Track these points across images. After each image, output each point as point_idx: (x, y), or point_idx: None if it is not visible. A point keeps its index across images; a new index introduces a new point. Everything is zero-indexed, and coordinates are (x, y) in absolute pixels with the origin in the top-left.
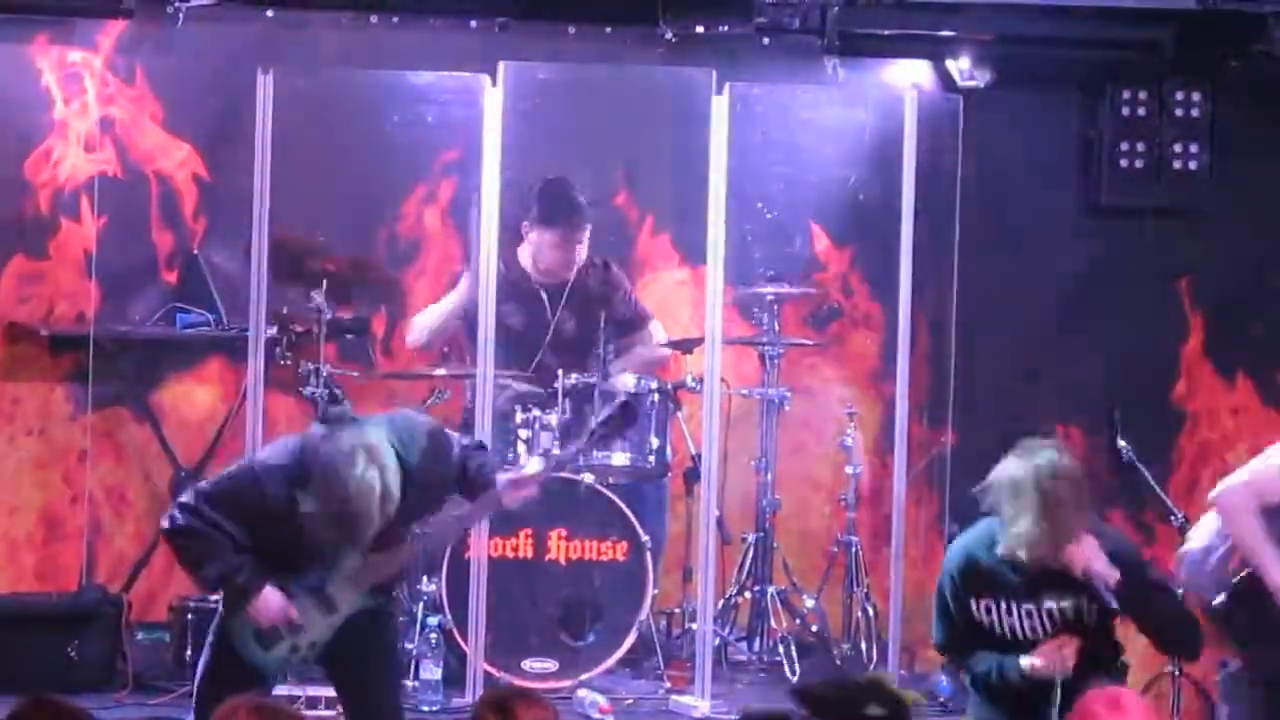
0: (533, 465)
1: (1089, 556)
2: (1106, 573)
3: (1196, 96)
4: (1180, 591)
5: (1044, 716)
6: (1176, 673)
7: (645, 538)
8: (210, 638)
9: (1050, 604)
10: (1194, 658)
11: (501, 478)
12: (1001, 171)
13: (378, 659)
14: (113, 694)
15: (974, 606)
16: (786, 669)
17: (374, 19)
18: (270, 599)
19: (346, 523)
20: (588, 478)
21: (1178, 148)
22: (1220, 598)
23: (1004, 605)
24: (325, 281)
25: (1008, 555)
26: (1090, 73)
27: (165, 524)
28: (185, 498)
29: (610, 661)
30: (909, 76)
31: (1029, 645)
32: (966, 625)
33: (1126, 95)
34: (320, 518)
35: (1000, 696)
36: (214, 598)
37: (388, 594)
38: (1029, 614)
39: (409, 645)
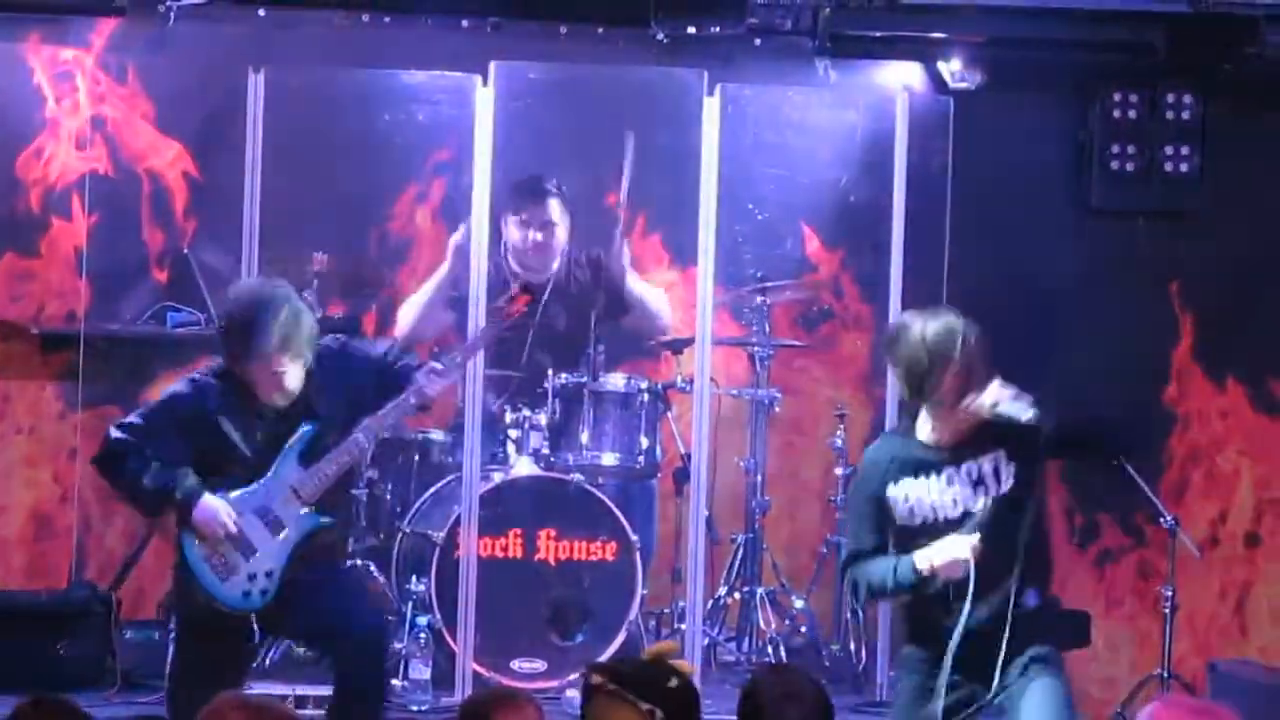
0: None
1: (998, 395)
2: (1017, 408)
3: (1188, 99)
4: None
5: (944, 635)
6: (1165, 675)
7: (634, 538)
8: (173, 629)
9: (969, 464)
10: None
11: (423, 374)
12: (992, 174)
13: (333, 584)
14: (102, 692)
15: (894, 497)
16: None
17: (365, 18)
18: (210, 505)
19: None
20: (577, 478)
21: (1169, 150)
22: None
23: (926, 482)
24: (316, 280)
25: (921, 435)
26: (1082, 75)
27: (99, 449)
28: (117, 423)
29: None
30: (900, 78)
31: (954, 529)
32: (884, 524)
33: (1118, 98)
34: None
35: (908, 619)
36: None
37: (340, 510)
38: (949, 480)
39: (398, 645)
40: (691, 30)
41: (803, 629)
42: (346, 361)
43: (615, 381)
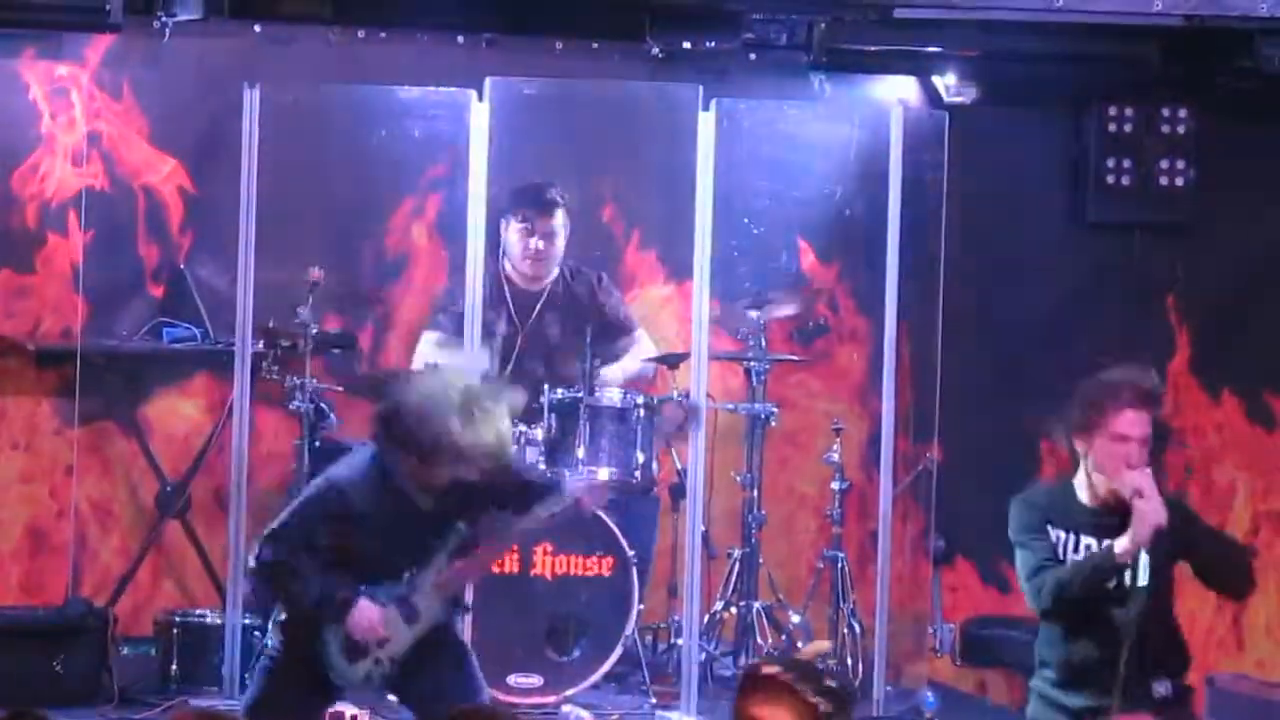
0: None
1: (1141, 481)
2: (1156, 501)
3: (1183, 113)
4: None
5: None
6: None
7: (631, 553)
8: (266, 660)
9: (1109, 541)
10: (1241, 596)
11: (575, 481)
12: (988, 188)
13: (451, 666)
14: (98, 708)
15: (1051, 533)
16: None
17: (361, 34)
18: (367, 611)
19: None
20: None
21: (1164, 164)
22: None
23: (1071, 538)
24: (311, 296)
25: (1079, 491)
26: (1077, 89)
27: (252, 563)
28: (267, 533)
29: (596, 677)
30: (895, 92)
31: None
32: (1050, 550)
33: (1113, 112)
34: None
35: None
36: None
37: (457, 606)
38: (1089, 550)
39: None
40: (687, 45)
41: (799, 643)
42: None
43: (611, 396)
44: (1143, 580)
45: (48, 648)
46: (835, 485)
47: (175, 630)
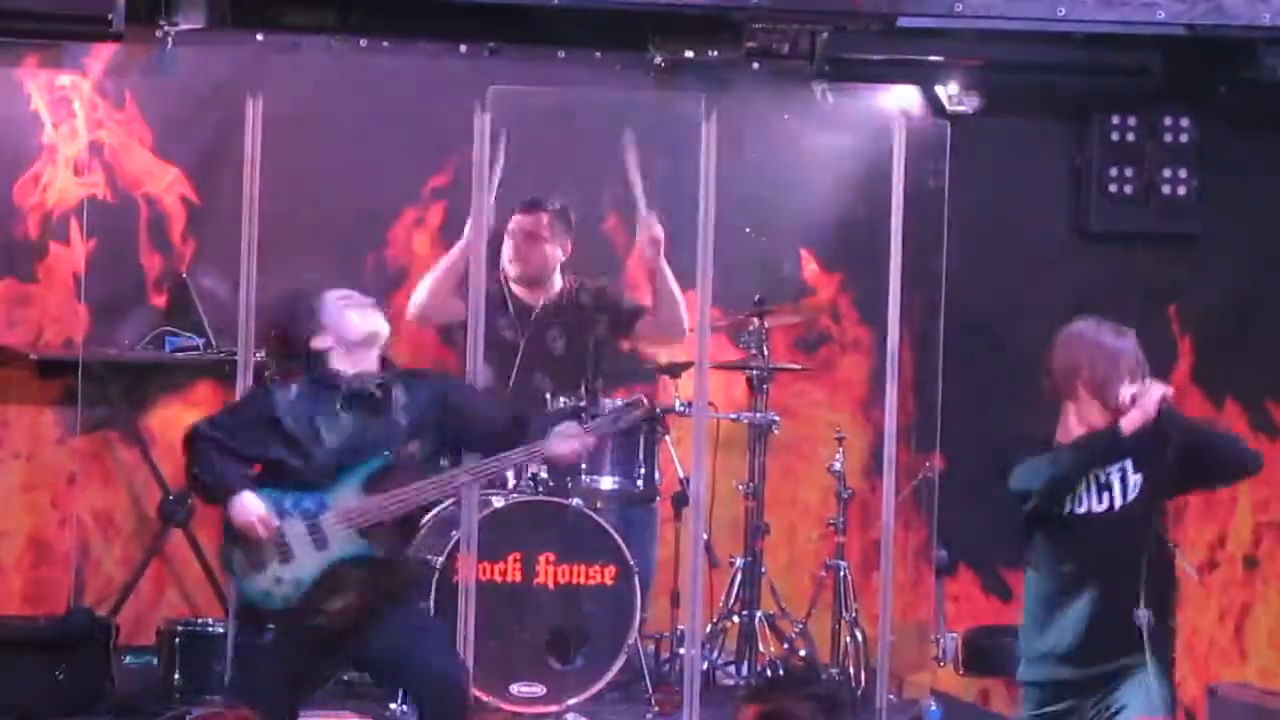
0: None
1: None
2: (1162, 387)
3: (1185, 122)
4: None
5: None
6: None
7: (633, 562)
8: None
9: (1096, 469)
10: (1247, 473)
11: (562, 430)
12: (990, 197)
13: (416, 623)
14: (100, 718)
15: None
16: None
17: (363, 43)
18: (246, 501)
19: None
20: (576, 502)
21: (1167, 173)
22: None
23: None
24: None
25: (1060, 438)
26: (1079, 98)
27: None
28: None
29: (598, 686)
30: (898, 102)
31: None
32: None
33: (1115, 121)
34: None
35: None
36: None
37: (392, 548)
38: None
39: None
40: (689, 55)
41: (801, 653)
42: (443, 395)
43: (614, 406)
44: (1132, 495)
45: (50, 658)
46: (837, 494)
47: (178, 640)
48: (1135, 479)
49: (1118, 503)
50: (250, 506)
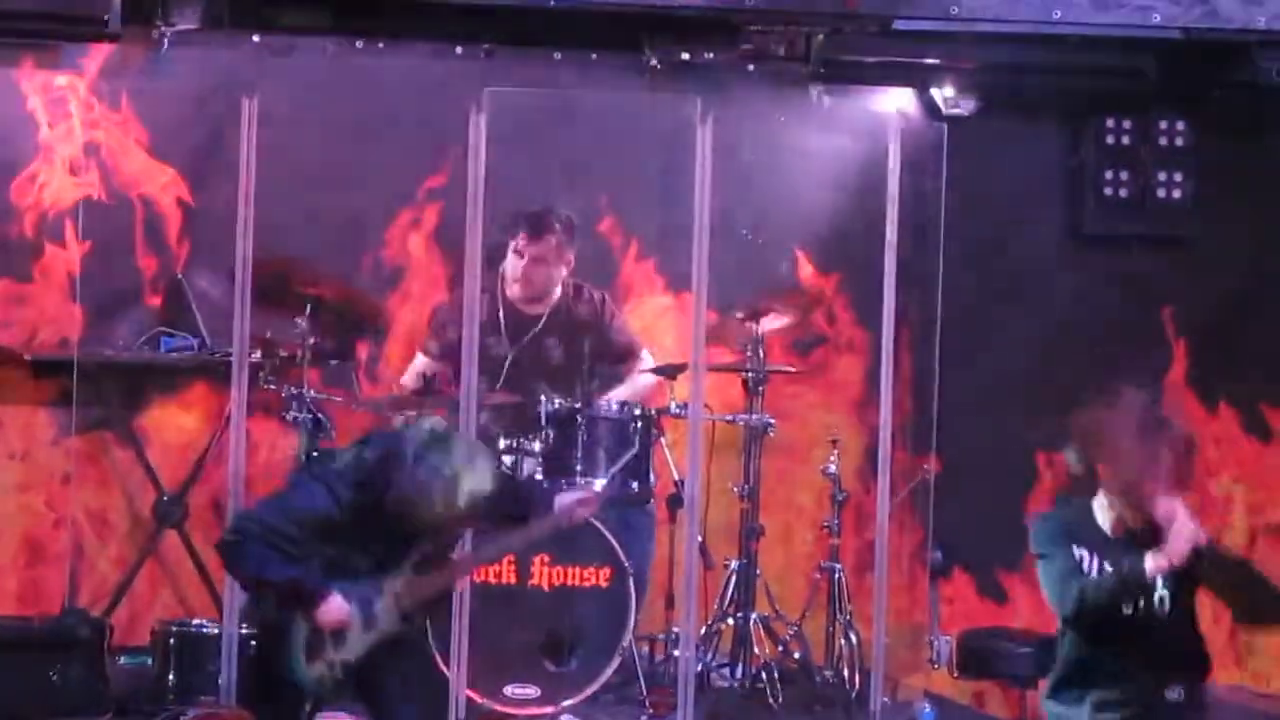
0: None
1: (1174, 507)
2: (1191, 522)
3: (1180, 126)
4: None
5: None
6: None
7: (628, 564)
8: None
9: (1128, 564)
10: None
11: (565, 496)
12: (986, 199)
13: (410, 684)
14: (95, 718)
15: (1075, 549)
16: (769, 696)
17: (359, 44)
18: (338, 603)
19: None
20: None
21: (1162, 176)
22: None
23: (1094, 559)
24: (309, 306)
25: (1098, 516)
26: (1075, 101)
27: (228, 536)
28: (243, 513)
29: (593, 688)
30: (893, 104)
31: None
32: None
33: (1111, 124)
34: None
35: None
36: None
37: (416, 623)
38: (1109, 572)
39: None
40: (685, 56)
41: (796, 655)
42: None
43: (609, 408)
44: (1163, 593)
45: (44, 658)
46: (833, 496)
47: (172, 640)
48: (1162, 594)
49: (1140, 608)
50: (341, 606)
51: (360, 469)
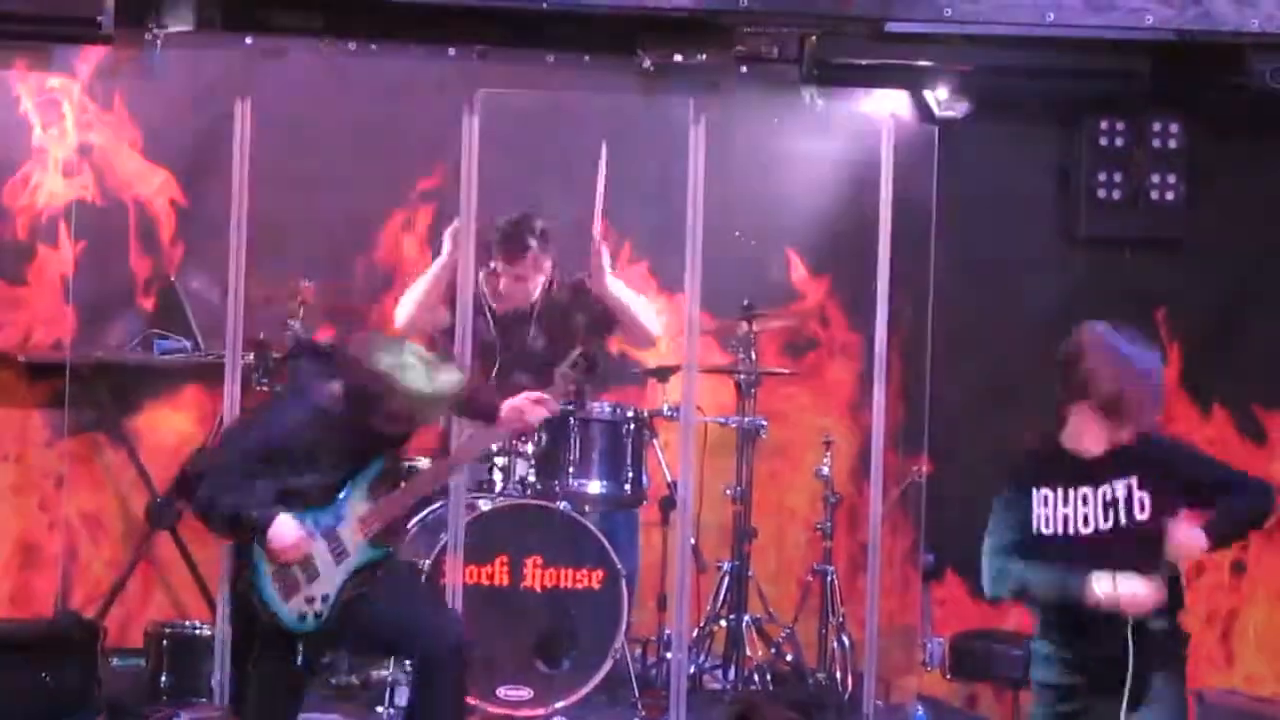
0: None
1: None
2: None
3: (1174, 127)
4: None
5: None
6: None
7: (620, 566)
8: (231, 614)
9: (1105, 485)
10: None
11: (509, 405)
12: (979, 201)
13: (393, 586)
14: None
15: (1034, 497)
16: None
17: (352, 46)
18: (285, 526)
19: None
20: (563, 505)
21: (1155, 178)
22: None
23: (1061, 492)
24: (302, 307)
25: (1067, 443)
26: (1068, 103)
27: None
28: (206, 470)
29: (585, 689)
30: (886, 106)
31: (1082, 547)
32: (1021, 526)
33: (1104, 126)
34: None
35: (1065, 624)
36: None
37: (395, 542)
38: (1085, 498)
39: (384, 672)
40: (678, 58)
41: (789, 657)
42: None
43: (602, 409)
44: (1139, 514)
45: (37, 660)
46: (825, 498)
47: (165, 642)
48: (1140, 496)
49: (1122, 520)
50: (289, 530)
51: (300, 383)
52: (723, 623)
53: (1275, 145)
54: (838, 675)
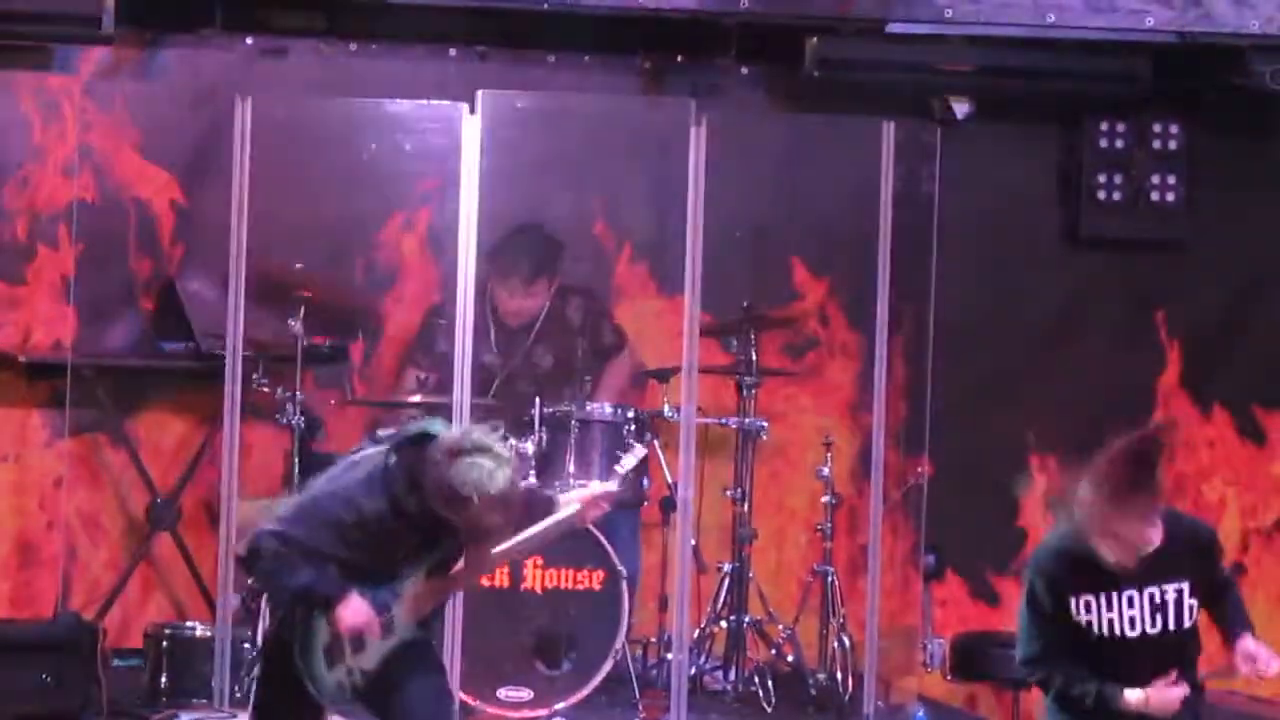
0: (606, 485)
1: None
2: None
3: (1174, 129)
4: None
5: None
6: None
7: (621, 567)
8: (261, 668)
9: (1153, 589)
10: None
11: (571, 495)
12: (980, 202)
13: (408, 662)
14: None
15: (1073, 605)
16: (762, 699)
17: (353, 46)
18: (358, 604)
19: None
20: None
21: (1155, 179)
22: None
23: (1104, 598)
24: (303, 308)
25: (1103, 552)
26: (1069, 105)
27: (242, 550)
28: (269, 528)
29: (585, 691)
30: (887, 107)
31: (1129, 646)
32: (1062, 630)
33: (1105, 127)
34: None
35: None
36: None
37: (428, 627)
38: (1130, 601)
39: None
40: (679, 59)
41: (789, 657)
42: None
43: (602, 410)
44: (1188, 620)
45: (37, 661)
46: (825, 499)
47: (165, 643)
48: (1191, 604)
49: (1171, 626)
50: (362, 610)
51: (389, 477)
52: (723, 623)
53: (1275, 146)
54: (838, 676)
